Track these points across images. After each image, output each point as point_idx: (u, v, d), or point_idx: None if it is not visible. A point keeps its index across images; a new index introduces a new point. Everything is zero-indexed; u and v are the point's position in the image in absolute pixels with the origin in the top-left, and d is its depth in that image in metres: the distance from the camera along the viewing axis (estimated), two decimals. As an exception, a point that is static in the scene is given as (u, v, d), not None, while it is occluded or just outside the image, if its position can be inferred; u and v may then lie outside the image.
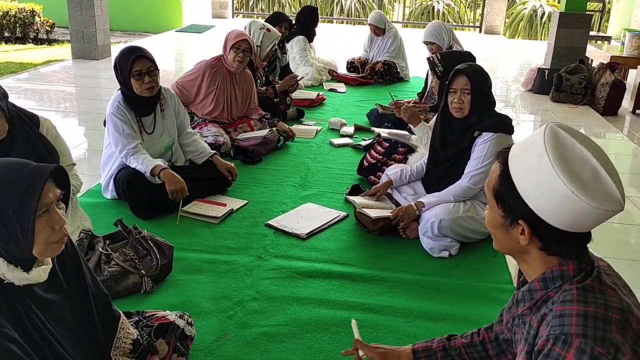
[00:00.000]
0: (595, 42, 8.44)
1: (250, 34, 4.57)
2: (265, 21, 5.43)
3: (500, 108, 6.15)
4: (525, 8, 13.82)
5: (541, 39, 12.87)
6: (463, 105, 2.91)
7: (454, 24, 14.30)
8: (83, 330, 1.71)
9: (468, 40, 11.38)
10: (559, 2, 11.13)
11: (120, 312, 1.85)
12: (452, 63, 3.16)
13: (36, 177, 1.41)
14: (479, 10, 13.20)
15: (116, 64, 3.16)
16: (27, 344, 1.45)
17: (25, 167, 1.44)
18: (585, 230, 1.23)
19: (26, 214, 1.39)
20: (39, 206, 1.40)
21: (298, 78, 5.23)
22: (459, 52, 3.82)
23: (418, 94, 5.26)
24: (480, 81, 2.91)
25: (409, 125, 3.57)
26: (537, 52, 8.72)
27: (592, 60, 7.37)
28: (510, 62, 9.34)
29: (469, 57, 3.70)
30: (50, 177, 1.45)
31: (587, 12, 7.31)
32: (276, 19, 5.65)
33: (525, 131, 5.53)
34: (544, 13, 13.45)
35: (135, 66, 3.08)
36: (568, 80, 6.38)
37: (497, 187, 1.28)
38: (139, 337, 1.85)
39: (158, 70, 3.18)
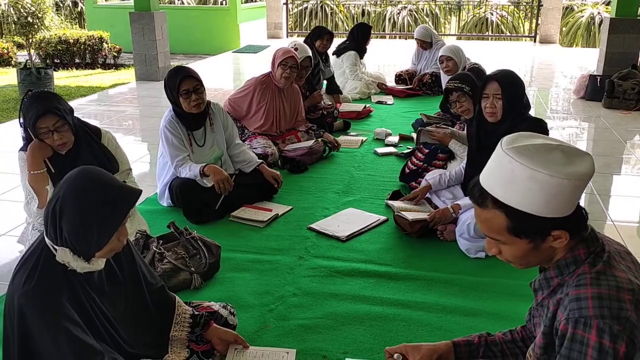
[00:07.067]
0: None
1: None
2: (308, 36, 5.70)
3: (551, 116, 6.15)
4: (583, 16, 13.56)
5: (599, 47, 12.57)
6: (495, 109, 2.99)
7: (509, 34, 14.18)
8: (139, 314, 1.95)
9: (522, 50, 11.32)
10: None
11: (175, 295, 2.10)
12: (477, 77, 3.26)
13: (124, 204, 1.68)
14: (534, 21, 13.05)
15: (165, 85, 3.41)
16: (86, 324, 1.69)
17: (114, 188, 1.68)
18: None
19: (109, 231, 1.66)
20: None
21: (340, 95, 5.38)
22: (471, 68, 3.91)
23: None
24: (510, 85, 2.98)
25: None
26: (592, 60, 8.57)
27: (648, 65, 7.20)
28: (564, 70, 9.21)
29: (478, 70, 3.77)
30: None
31: (639, 17, 7.15)
32: (317, 32, 5.92)
33: (578, 140, 5.49)
34: (601, 20, 13.12)
35: (182, 86, 3.32)
36: (620, 86, 6.27)
37: (510, 226, 1.34)
38: (194, 311, 2.09)
39: (204, 87, 3.41)
